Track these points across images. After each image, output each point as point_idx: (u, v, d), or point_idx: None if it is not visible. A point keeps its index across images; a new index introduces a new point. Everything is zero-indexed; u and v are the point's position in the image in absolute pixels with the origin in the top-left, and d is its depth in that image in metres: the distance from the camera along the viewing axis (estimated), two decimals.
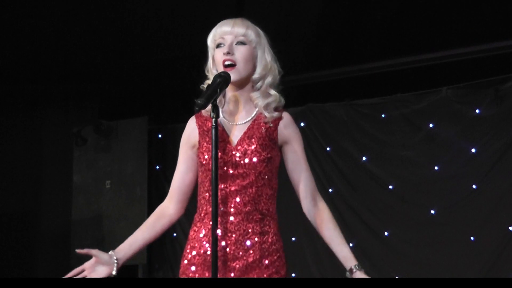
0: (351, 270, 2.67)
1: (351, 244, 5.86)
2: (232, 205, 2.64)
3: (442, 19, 5.48)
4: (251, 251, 2.62)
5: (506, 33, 5.49)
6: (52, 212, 7.02)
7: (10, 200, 6.89)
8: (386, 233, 5.81)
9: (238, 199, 2.64)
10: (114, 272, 2.69)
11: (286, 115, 2.79)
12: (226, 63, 2.68)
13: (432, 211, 5.65)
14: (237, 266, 2.61)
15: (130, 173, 6.64)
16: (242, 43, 2.71)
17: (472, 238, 5.49)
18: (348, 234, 5.92)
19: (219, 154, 2.64)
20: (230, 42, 2.71)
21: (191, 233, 2.73)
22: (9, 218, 6.90)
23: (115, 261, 2.69)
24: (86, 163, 6.78)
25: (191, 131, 2.81)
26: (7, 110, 6.94)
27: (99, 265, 2.66)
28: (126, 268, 6.73)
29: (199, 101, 2.44)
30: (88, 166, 6.75)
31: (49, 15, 5.47)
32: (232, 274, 2.60)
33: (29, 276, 6.75)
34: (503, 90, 5.52)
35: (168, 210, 2.84)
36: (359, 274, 2.66)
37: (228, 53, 2.68)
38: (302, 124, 6.05)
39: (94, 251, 2.67)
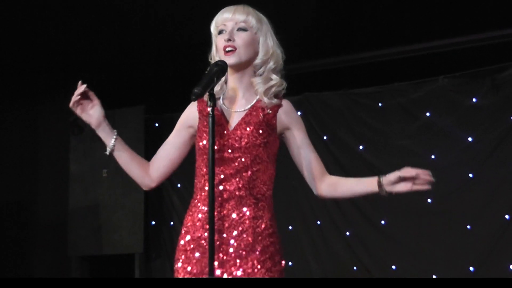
0: (379, 184, 2.62)
1: (347, 233, 5.87)
2: (227, 189, 2.64)
3: (439, 8, 5.47)
4: (244, 236, 2.62)
5: (502, 22, 5.49)
6: (48, 201, 7.02)
7: (7, 190, 6.89)
8: (383, 222, 5.82)
9: (233, 183, 2.64)
10: (111, 143, 2.88)
11: (286, 102, 2.81)
12: (227, 49, 2.70)
13: (429, 200, 5.65)
14: (230, 250, 2.61)
15: None
16: (242, 29, 2.73)
17: (468, 226, 5.51)
18: (345, 223, 5.95)
19: (216, 138, 2.65)
20: (231, 29, 2.72)
21: (186, 217, 2.74)
22: (5, 207, 6.90)
23: (115, 134, 2.86)
24: (82, 152, 6.76)
25: (189, 113, 2.84)
26: (3, 99, 6.92)
27: (96, 112, 2.82)
28: (123, 256, 6.72)
29: (195, 90, 2.45)
30: (84, 155, 6.73)
31: (46, 5, 5.45)
32: (225, 258, 2.60)
33: (26, 266, 6.76)
34: (499, 79, 5.52)
35: (147, 168, 2.92)
36: (386, 180, 2.59)
37: (228, 39, 2.70)
38: (298, 113, 6.03)
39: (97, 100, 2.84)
